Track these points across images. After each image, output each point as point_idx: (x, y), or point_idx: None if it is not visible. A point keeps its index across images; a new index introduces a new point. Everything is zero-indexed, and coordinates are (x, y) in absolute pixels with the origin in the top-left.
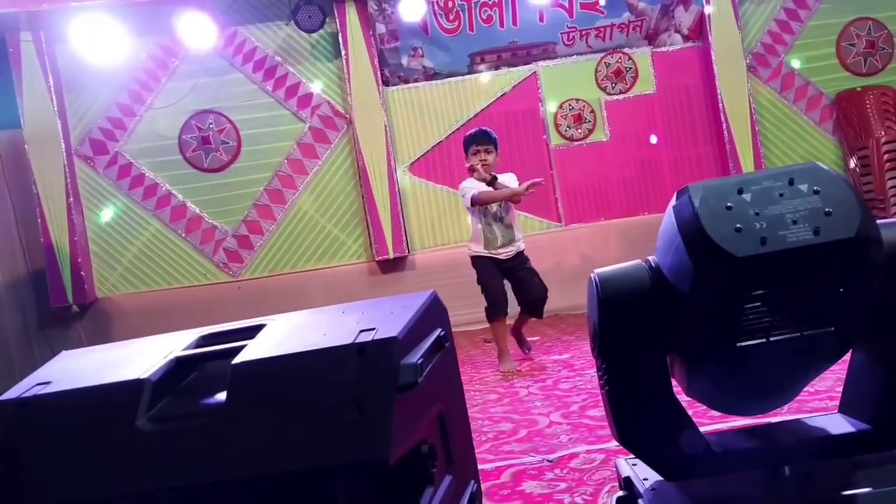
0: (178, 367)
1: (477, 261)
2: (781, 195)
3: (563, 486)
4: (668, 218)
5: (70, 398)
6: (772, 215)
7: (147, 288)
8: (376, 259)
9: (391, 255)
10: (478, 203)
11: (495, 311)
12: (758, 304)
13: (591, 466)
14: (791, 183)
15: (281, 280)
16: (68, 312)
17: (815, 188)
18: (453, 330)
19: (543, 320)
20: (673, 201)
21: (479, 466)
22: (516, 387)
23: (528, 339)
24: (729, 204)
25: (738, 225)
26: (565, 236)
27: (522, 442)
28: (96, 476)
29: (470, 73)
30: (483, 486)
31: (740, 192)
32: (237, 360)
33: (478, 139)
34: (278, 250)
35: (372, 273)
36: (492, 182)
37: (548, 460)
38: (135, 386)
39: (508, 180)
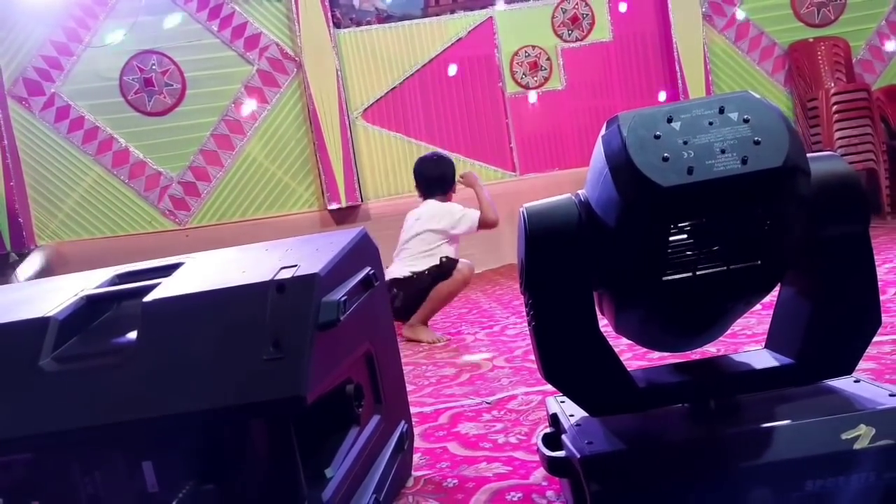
0: (89, 306)
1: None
2: (711, 124)
3: (499, 426)
4: (597, 149)
5: None
6: (700, 144)
7: (90, 235)
8: (328, 208)
9: (344, 204)
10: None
11: None
12: (684, 236)
13: (528, 407)
14: (721, 111)
15: (230, 228)
16: (6, 260)
17: (746, 117)
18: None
19: (497, 270)
20: (602, 131)
21: (418, 409)
22: (463, 333)
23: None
24: (658, 133)
25: (665, 154)
26: (520, 186)
27: (464, 385)
28: None
29: (424, 16)
30: (419, 428)
31: (670, 120)
32: (148, 297)
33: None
34: (227, 198)
35: (324, 222)
36: None
37: (486, 402)
38: (39, 324)
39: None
